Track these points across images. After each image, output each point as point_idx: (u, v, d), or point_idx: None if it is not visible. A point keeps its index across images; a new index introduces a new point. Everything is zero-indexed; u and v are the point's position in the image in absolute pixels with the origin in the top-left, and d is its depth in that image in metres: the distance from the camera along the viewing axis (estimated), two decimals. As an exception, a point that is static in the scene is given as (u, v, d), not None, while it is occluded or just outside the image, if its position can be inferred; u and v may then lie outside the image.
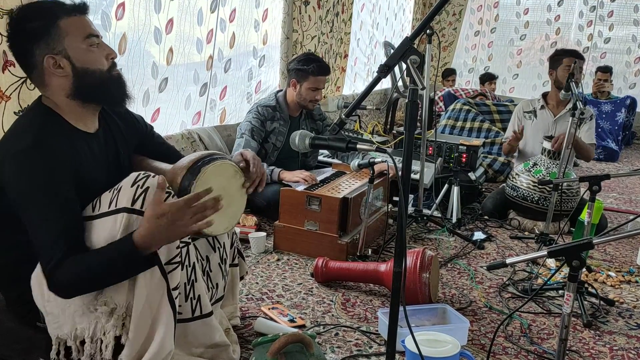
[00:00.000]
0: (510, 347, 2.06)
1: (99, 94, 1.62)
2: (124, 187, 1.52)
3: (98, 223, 1.52)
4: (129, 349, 1.52)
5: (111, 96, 1.66)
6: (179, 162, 1.70)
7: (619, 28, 7.52)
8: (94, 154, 1.65)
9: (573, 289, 1.46)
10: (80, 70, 1.57)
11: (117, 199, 1.51)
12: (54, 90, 1.59)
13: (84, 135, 1.64)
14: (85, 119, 1.65)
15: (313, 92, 3.26)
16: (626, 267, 2.89)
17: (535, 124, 3.72)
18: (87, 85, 1.58)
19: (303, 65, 3.22)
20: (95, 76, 1.59)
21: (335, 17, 4.95)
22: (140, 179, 1.53)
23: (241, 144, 3.20)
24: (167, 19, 3.15)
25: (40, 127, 1.54)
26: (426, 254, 2.27)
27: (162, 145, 1.98)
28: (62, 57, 1.55)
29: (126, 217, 1.49)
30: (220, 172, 1.69)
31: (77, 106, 1.61)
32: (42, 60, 1.54)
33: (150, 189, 1.51)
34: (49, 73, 1.56)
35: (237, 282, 2.05)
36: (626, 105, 6.38)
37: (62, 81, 1.57)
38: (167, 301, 1.52)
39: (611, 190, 4.65)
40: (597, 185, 2.32)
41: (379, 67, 1.49)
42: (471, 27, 8.21)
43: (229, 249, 1.94)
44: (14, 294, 1.67)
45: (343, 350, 1.96)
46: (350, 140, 1.64)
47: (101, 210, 1.53)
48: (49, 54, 1.54)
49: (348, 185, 2.95)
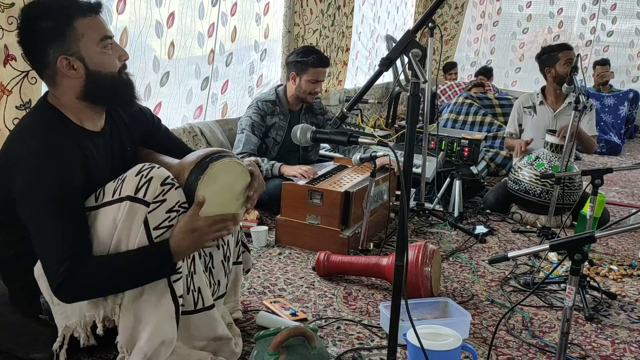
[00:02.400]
0: (512, 340, 2.06)
1: (108, 96, 1.63)
2: (128, 177, 1.54)
3: (102, 211, 1.54)
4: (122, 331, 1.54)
5: (120, 98, 1.67)
6: (187, 157, 1.70)
7: (621, 21, 7.49)
8: (100, 153, 1.66)
9: (575, 283, 1.46)
10: (93, 72, 1.56)
11: (121, 187, 1.53)
12: (64, 91, 1.58)
13: (90, 134, 1.64)
14: (92, 119, 1.66)
15: (313, 84, 3.25)
16: (628, 260, 2.89)
17: (536, 120, 3.72)
18: (98, 87, 1.58)
19: (302, 57, 3.21)
20: (107, 79, 1.59)
21: (336, 10, 4.94)
22: (145, 169, 1.54)
23: (242, 139, 3.20)
24: (169, 12, 3.15)
25: (48, 129, 1.54)
26: (428, 248, 2.27)
27: (168, 139, 1.98)
28: (76, 59, 1.54)
29: (129, 205, 1.50)
30: (228, 169, 1.69)
31: (85, 107, 1.61)
32: (56, 61, 1.53)
33: (154, 179, 1.52)
34: (61, 74, 1.55)
35: (240, 279, 2.06)
36: (629, 98, 6.36)
37: (73, 82, 1.56)
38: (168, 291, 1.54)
39: (613, 184, 4.64)
40: (600, 179, 2.31)
41: (381, 60, 1.48)
42: (473, 21, 8.17)
43: (233, 246, 1.94)
44: (18, 285, 1.67)
45: (345, 344, 1.96)
46: (352, 134, 1.64)
47: (105, 199, 1.55)
48: (63, 55, 1.52)
49: (350, 179, 2.95)
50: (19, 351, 1.70)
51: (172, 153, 1.86)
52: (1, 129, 2.14)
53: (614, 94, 6.38)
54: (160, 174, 1.54)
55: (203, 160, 1.64)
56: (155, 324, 1.53)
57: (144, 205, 1.51)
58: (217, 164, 1.64)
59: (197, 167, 1.62)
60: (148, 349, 1.52)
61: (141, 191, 1.51)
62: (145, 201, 1.51)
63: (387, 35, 5.79)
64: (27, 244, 1.54)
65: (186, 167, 1.64)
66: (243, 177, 1.76)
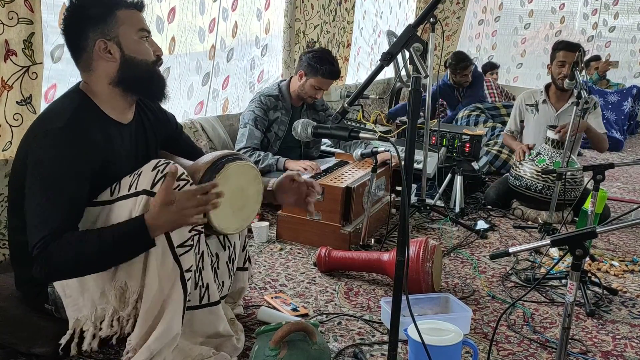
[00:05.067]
0: (513, 335, 2.06)
1: (140, 85, 1.68)
2: (144, 171, 1.56)
3: (117, 205, 1.55)
4: (139, 329, 1.54)
5: (151, 89, 1.71)
6: (202, 157, 1.73)
7: (624, 17, 7.46)
8: (124, 144, 1.69)
9: (576, 278, 1.46)
10: (128, 58, 1.63)
11: (137, 182, 1.55)
12: (99, 75, 1.63)
13: (117, 124, 1.68)
14: (122, 109, 1.70)
15: (315, 90, 3.25)
16: (629, 256, 2.89)
17: (538, 118, 3.68)
18: (132, 74, 1.64)
19: (317, 63, 3.18)
20: (141, 66, 1.65)
21: (338, 5, 4.92)
22: (161, 165, 1.56)
23: (245, 133, 3.20)
24: (169, 8, 3.14)
25: (74, 111, 1.57)
26: (429, 244, 2.27)
27: (189, 147, 2.01)
28: (114, 44, 1.61)
29: (145, 199, 1.52)
30: (242, 172, 1.70)
31: (116, 94, 1.66)
32: (94, 44, 1.59)
33: (170, 175, 1.53)
34: (97, 57, 1.61)
35: (246, 286, 2.07)
36: (632, 94, 6.34)
37: (109, 66, 1.62)
38: (179, 284, 1.55)
39: (615, 180, 4.64)
40: (601, 175, 2.31)
41: (382, 55, 1.47)
42: (475, 16, 8.14)
43: (239, 250, 1.95)
44: (29, 272, 1.67)
45: (346, 339, 1.97)
46: (353, 129, 1.64)
47: (120, 193, 1.56)
48: (101, 38, 1.59)
49: (351, 174, 2.94)
50: (21, 346, 1.71)
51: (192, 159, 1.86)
52: (2, 125, 2.14)
53: (617, 91, 6.36)
54: (176, 169, 1.56)
55: (219, 161, 1.66)
56: (167, 323, 1.53)
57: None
58: (232, 165, 1.65)
59: (212, 167, 1.64)
60: (155, 348, 1.52)
61: (157, 185, 1.53)
62: None
63: (388, 31, 5.77)
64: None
65: (201, 167, 1.66)
66: (256, 182, 1.76)
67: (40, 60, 2.19)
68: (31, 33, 2.12)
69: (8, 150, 2.17)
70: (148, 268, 1.53)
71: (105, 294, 1.56)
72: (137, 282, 1.55)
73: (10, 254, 1.75)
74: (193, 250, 1.58)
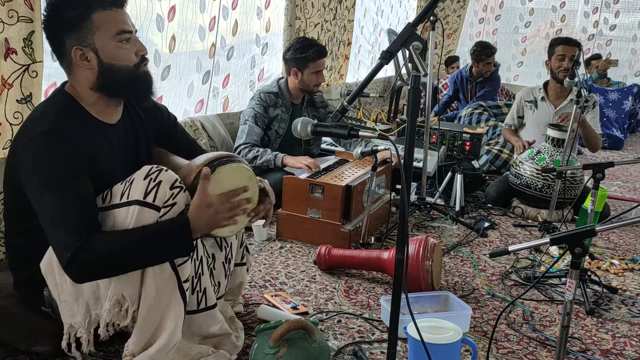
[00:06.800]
0: (513, 334, 2.06)
1: (123, 90, 1.64)
2: (136, 180, 1.52)
3: (109, 214, 1.52)
4: (137, 338, 1.53)
5: (135, 92, 1.67)
6: (195, 159, 1.69)
7: (624, 15, 7.44)
8: (112, 146, 1.65)
9: (576, 276, 1.46)
10: (107, 65, 1.57)
11: (129, 191, 1.51)
12: (79, 81, 1.60)
13: (103, 125, 1.64)
14: (107, 111, 1.66)
15: (316, 75, 3.26)
16: (629, 255, 2.89)
17: (536, 115, 3.69)
18: (112, 80, 1.59)
19: (301, 53, 3.22)
20: (122, 72, 1.59)
21: (338, 4, 4.92)
22: (153, 172, 1.52)
23: (245, 130, 3.20)
24: (170, 6, 3.14)
25: (58, 114, 1.55)
26: (429, 242, 2.27)
27: (184, 140, 1.97)
28: (90, 51, 1.56)
29: (138, 209, 1.49)
30: (235, 174, 1.67)
31: (100, 98, 1.62)
32: (71, 50, 1.55)
33: (163, 183, 1.50)
34: (75, 64, 1.57)
35: (244, 281, 2.06)
36: (633, 93, 6.33)
37: (87, 73, 1.58)
38: (178, 294, 1.53)
39: (615, 178, 4.63)
40: (601, 173, 2.31)
41: (382, 53, 1.47)
42: (475, 15, 8.13)
43: (236, 248, 1.95)
44: (25, 275, 1.67)
45: (345, 337, 1.97)
46: (353, 127, 1.64)
47: (112, 202, 1.53)
48: (77, 46, 1.55)
49: (351, 173, 2.95)
50: (21, 344, 1.71)
51: (187, 154, 1.84)
52: (2, 123, 2.14)
53: (618, 89, 6.35)
54: (169, 177, 1.52)
55: (211, 164, 1.63)
56: (169, 335, 1.52)
57: (154, 210, 1.50)
58: (224, 168, 1.62)
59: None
60: (157, 358, 1.52)
61: (150, 195, 1.49)
62: (155, 206, 1.50)
63: (388, 29, 5.77)
64: (35, 235, 1.54)
65: (193, 169, 1.63)
66: (251, 183, 1.72)
67: (41, 59, 2.18)
68: (31, 31, 2.12)
69: (8, 149, 2.17)
70: (145, 278, 1.52)
71: (100, 300, 1.54)
72: (135, 293, 1.53)
73: (7, 257, 1.74)
74: (191, 259, 1.58)
